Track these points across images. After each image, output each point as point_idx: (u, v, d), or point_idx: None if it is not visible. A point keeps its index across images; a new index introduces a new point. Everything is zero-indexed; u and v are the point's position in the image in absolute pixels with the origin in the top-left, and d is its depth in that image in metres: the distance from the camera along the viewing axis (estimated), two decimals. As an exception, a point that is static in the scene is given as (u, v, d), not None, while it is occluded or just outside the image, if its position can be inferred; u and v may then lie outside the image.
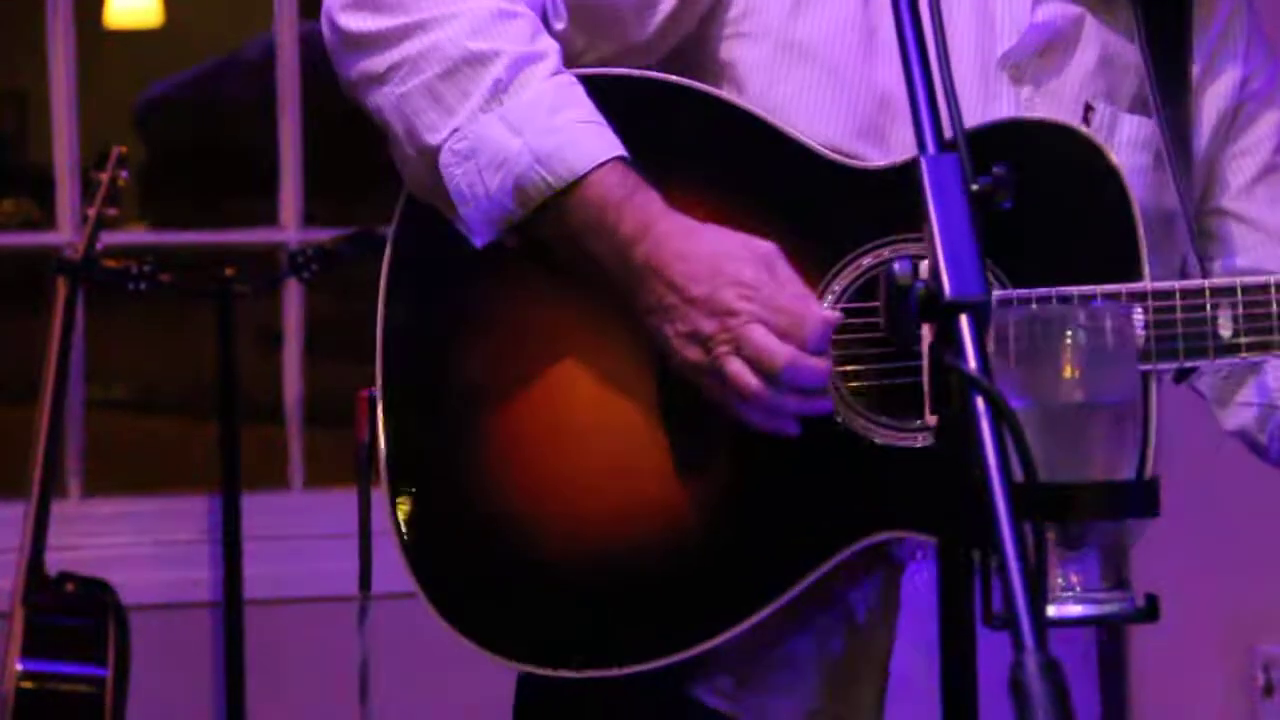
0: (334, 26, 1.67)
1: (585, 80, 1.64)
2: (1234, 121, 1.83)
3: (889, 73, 1.65)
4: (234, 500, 3.34)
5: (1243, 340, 1.62)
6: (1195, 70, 1.77)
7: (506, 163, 1.58)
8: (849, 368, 1.64)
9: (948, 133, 1.25)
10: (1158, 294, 1.60)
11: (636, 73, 1.70)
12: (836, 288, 1.64)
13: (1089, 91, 1.73)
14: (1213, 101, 1.81)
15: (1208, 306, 1.62)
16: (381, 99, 1.64)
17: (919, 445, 1.63)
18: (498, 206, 1.60)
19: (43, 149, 3.74)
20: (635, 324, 1.63)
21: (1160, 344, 1.61)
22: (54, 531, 3.04)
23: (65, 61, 3.37)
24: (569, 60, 1.66)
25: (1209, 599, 3.26)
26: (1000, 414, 1.19)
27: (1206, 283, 1.64)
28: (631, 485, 1.68)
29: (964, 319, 1.21)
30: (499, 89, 1.59)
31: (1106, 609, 1.39)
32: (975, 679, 1.29)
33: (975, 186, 1.21)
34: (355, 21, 1.65)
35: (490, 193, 1.59)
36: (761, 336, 1.57)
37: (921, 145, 1.25)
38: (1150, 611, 1.37)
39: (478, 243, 1.62)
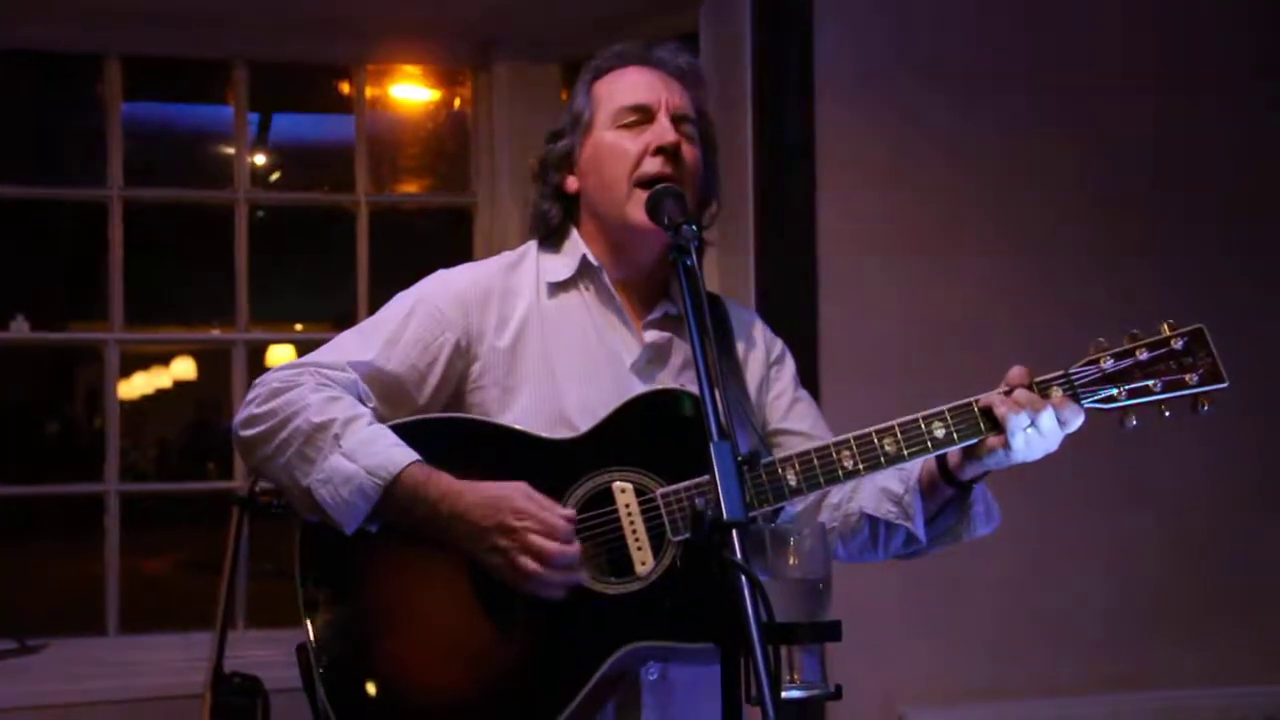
0: (238, 437, 2.46)
1: (394, 427, 2.43)
2: (768, 381, 2.68)
3: (578, 395, 2.49)
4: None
5: (803, 484, 2.38)
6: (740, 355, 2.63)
7: (351, 479, 2.34)
8: (588, 549, 2.38)
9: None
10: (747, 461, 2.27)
11: (423, 417, 2.50)
12: (572, 502, 2.39)
13: (681, 379, 2.57)
14: (754, 378, 2.65)
15: (779, 468, 2.38)
16: (276, 469, 2.41)
17: (635, 589, 2.36)
18: (352, 507, 2.34)
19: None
20: (452, 552, 2.33)
21: (758, 495, 2.37)
22: (228, 648, 4.14)
23: None
24: (380, 421, 2.43)
25: (869, 678, 3.99)
26: (754, 584, 1.73)
27: (776, 457, 2.40)
28: (468, 648, 2.33)
29: (734, 531, 1.78)
30: (338, 439, 2.37)
31: (814, 693, 1.88)
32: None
33: (739, 458, 1.86)
34: (249, 431, 2.44)
35: (345, 499, 2.34)
36: (536, 539, 2.29)
37: (710, 435, 1.89)
38: (838, 693, 1.89)
39: (348, 532, 2.36)
